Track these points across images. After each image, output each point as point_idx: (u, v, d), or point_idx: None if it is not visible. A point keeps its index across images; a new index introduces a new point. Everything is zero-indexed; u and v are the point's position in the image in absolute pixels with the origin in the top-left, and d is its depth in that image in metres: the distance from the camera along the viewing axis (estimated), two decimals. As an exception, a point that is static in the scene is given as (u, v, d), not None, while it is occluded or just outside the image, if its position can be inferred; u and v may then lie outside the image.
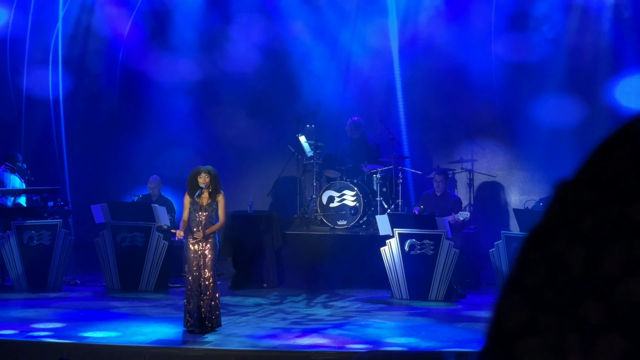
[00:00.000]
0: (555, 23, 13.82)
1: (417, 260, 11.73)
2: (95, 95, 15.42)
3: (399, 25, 14.35)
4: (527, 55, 14.01)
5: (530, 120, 13.85)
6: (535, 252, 1.01)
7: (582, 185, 1.01)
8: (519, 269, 1.02)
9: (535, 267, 1.00)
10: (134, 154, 14.81)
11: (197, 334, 9.70)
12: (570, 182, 1.03)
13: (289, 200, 13.92)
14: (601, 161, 1.00)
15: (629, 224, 0.95)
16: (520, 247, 1.03)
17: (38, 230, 12.50)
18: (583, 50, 13.82)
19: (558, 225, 1.00)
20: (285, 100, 14.73)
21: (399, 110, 14.44)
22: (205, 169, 9.97)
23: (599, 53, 13.73)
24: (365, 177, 13.47)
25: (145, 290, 12.35)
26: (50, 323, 10.27)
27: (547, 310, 0.98)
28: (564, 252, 0.98)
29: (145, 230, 12.48)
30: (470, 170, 14.09)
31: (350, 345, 9.30)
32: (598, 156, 1.01)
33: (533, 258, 1.00)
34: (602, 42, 13.71)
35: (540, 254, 1.00)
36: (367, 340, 9.56)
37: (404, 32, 14.35)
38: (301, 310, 11.27)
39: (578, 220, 0.99)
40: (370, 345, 9.26)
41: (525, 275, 1.01)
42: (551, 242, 1.00)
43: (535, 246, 1.01)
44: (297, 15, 14.72)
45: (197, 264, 9.79)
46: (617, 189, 0.97)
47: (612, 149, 1.00)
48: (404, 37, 14.37)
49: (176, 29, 15.10)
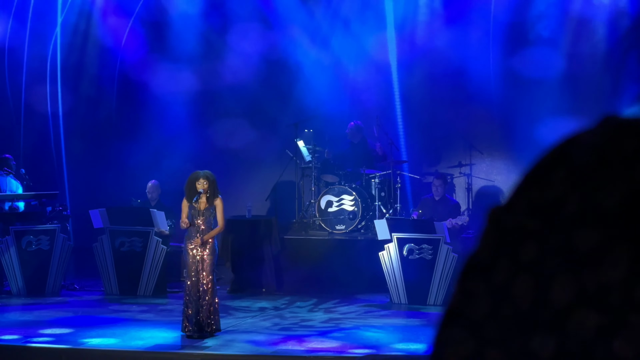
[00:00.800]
0: (553, 31, 13.83)
1: (416, 265, 11.74)
2: (93, 102, 15.41)
3: (397, 31, 14.36)
4: (525, 62, 14.02)
5: (528, 124, 13.86)
6: (476, 283, 0.95)
7: (520, 212, 0.95)
8: (460, 299, 0.97)
9: (477, 298, 0.95)
10: (132, 160, 14.80)
11: (196, 338, 9.69)
12: (506, 208, 0.97)
13: (287, 205, 13.92)
14: (537, 186, 0.95)
15: (575, 253, 0.91)
16: (460, 276, 0.98)
17: (37, 235, 12.50)
18: (581, 57, 13.83)
19: (499, 255, 0.95)
20: (283, 105, 14.74)
21: (398, 115, 14.45)
22: (204, 174, 9.96)
23: (597, 61, 13.74)
24: (364, 182, 13.48)
25: (144, 295, 12.35)
26: (48, 328, 10.26)
27: (493, 345, 0.93)
28: (508, 282, 0.93)
29: (144, 235, 12.49)
30: (468, 174, 14.10)
31: (349, 350, 9.30)
32: (534, 181, 0.96)
33: (475, 289, 0.95)
34: (600, 50, 13.72)
35: (482, 284, 0.95)
36: (365, 345, 9.56)
37: (402, 38, 14.37)
38: (300, 315, 11.26)
39: (520, 249, 0.93)
40: (369, 350, 9.26)
41: (468, 306, 0.95)
42: (493, 272, 0.94)
43: (476, 276, 0.96)
44: (295, 21, 14.74)
45: (195, 268, 9.79)
46: (559, 216, 0.93)
47: (547, 173, 0.95)
48: (402, 42, 14.39)
49: (174, 37, 15.10)
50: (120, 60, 15.25)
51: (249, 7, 14.95)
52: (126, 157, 14.93)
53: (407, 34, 14.37)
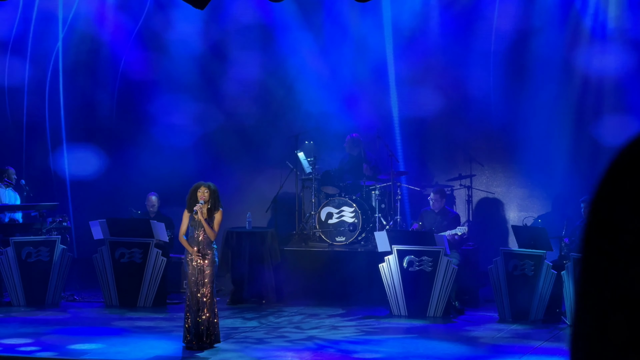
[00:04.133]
0: (554, 41, 13.84)
1: (416, 277, 11.73)
2: (95, 110, 15.40)
3: (396, 42, 14.37)
4: (526, 72, 14.03)
5: (528, 137, 13.87)
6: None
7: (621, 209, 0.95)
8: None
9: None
10: (134, 170, 14.78)
11: (196, 350, 9.68)
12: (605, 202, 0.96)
13: (287, 217, 13.92)
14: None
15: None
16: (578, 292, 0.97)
17: (36, 246, 12.49)
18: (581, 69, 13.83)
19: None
20: (283, 116, 14.75)
21: (397, 127, 14.45)
22: (206, 184, 9.97)
23: (598, 72, 13.74)
24: (364, 194, 13.49)
25: (144, 306, 12.33)
26: (48, 339, 10.25)
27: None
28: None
29: (144, 247, 12.48)
30: (469, 186, 14.10)
31: (348, 362, 9.29)
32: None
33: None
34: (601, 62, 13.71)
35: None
36: (365, 358, 9.55)
37: (402, 49, 14.37)
38: (300, 327, 11.25)
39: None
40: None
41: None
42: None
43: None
44: (295, 32, 14.75)
45: (195, 280, 9.78)
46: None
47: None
48: (402, 54, 14.39)
49: (177, 43, 15.09)
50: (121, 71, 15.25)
51: (249, 17, 14.96)
52: (128, 168, 14.91)
53: (407, 46, 14.38)
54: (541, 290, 11.37)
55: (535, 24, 13.91)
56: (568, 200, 13.40)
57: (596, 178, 0.97)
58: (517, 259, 11.64)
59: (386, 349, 9.99)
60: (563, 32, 13.84)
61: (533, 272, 11.47)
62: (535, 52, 13.92)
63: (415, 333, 10.89)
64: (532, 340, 10.33)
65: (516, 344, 10.21)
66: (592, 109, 13.78)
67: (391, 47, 14.37)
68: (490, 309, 12.05)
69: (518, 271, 11.58)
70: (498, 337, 10.66)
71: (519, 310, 11.48)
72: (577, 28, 13.83)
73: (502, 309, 11.65)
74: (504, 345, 10.20)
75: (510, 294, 11.57)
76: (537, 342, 10.24)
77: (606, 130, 13.50)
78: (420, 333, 10.89)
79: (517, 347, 10.04)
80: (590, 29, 13.75)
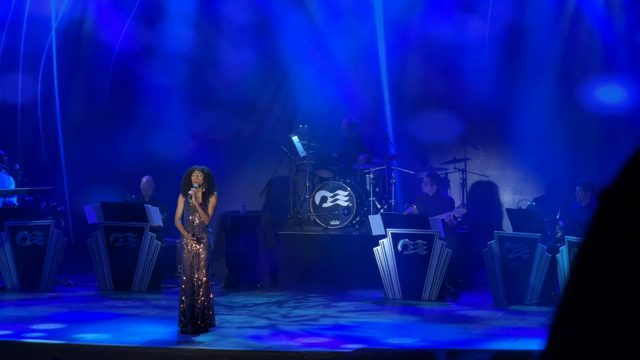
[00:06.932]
0: (548, 28, 13.83)
1: (410, 260, 11.74)
2: (89, 96, 15.38)
3: (389, 26, 14.34)
4: (521, 55, 14.02)
5: (523, 120, 13.86)
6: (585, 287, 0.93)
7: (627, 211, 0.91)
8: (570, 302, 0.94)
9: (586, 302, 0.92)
10: (128, 155, 14.77)
11: (191, 334, 9.69)
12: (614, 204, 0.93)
13: (281, 201, 13.91)
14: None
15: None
16: (569, 277, 0.95)
17: (31, 230, 12.48)
18: (575, 54, 13.84)
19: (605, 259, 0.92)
20: (277, 100, 14.73)
21: (388, 111, 14.44)
22: (200, 167, 9.96)
23: (591, 58, 13.76)
24: (358, 177, 13.48)
25: (139, 290, 12.34)
26: (43, 324, 10.25)
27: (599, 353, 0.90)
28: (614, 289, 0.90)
29: (138, 231, 12.47)
30: (463, 170, 14.09)
31: (343, 345, 9.31)
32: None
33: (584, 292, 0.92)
34: (594, 48, 13.73)
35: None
36: (360, 340, 9.57)
37: (394, 33, 14.35)
38: (294, 311, 11.26)
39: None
40: (363, 345, 9.26)
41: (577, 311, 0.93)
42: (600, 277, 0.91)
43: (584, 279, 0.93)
44: (289, 17, 14.72)
45: (190, 264, 9.78)
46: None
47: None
48: (395, 37, 14.37)
49: (170, 32, 15.06)
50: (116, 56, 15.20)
51: (244, 3, 14.92)
52: (122, 152, 14.90)
53: (399, 29, 14.35)
54: (536, 274, 11.39)
55: (530, 7, 13.90)
56: (563, 183, 13.42)
57: (591, 163, 0.95)
58: (512, 242, 11.65)
59: (380, 332, 10.00)
60: (558, 17, 13.83)
61: (528, 255, 11.48)
62: (530, 36, 13.91)
63: (409, 315, 10.91)
64: (527, 323, 10.35)
65: (511, 327, 10.23)
66: (586, 91, 13.78)
67: (382, 31, 14.35)
68: (484, 292, 12.07)
69: (513, 254, 11.59)
70: (492, 320, 10.68)
71: (513, 294, 11.51)
72: (572, 15, 13.82)
73: (496, 292, 11.67)
74: (499, 328, 10.22)
75: (504, 277, 11.59)
76: (531, 325, 10.26)
77: (600, 108, 13.52)
78: (415, 316, 10.91)
79: (511, 330, 10.06)
80: (586, 14, 13.75)
